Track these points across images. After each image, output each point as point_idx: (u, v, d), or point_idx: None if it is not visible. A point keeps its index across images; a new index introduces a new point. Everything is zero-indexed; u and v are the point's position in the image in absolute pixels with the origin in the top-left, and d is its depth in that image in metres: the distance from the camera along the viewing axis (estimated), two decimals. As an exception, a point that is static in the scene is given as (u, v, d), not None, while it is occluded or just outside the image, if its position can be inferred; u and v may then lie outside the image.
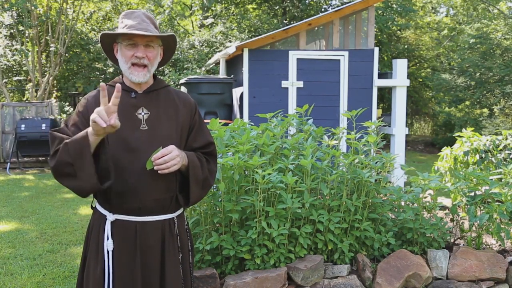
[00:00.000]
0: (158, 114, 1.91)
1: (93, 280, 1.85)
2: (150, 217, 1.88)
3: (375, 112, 7.22)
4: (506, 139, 4.59)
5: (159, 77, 2.02)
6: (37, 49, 12.20)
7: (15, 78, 14.84)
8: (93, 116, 1.62)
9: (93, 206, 1.99)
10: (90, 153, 1.69)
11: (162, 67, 1.94)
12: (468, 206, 3.40)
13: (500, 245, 3.52)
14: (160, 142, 1.84)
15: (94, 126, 1.64)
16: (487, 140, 4.62)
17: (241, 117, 6.93)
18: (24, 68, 14.11)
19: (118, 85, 1.66)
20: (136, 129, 1.86)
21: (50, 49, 11.94)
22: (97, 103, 1.79)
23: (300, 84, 7.03)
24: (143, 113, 1.89)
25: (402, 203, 3.51)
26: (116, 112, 1.65)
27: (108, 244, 1.84)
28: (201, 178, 1.93)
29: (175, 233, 1.95)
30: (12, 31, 12.91)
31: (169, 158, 1.77)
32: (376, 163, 3.38)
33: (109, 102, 1.65)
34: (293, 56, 6.99)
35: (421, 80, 15.67)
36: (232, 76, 7.69)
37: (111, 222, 1.86)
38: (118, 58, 1.90)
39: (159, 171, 1.78)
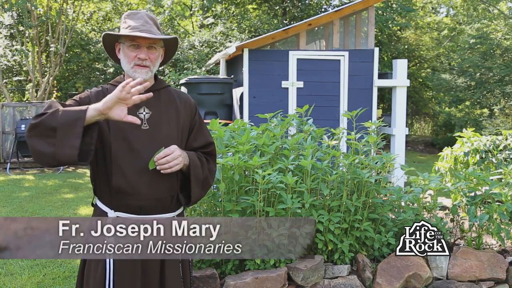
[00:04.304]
0: (159, 114, 1.92)
1: (94, 279, 1.86)
2: (150, 216, 1.88)
3: (375, 112, 7.22)
4: (506, 139, 4.59)
5: (160, 77, 2.03)
6: (37, 49, 12.20)
7: (15, 78, 14.85)
8: (121, 84, 1.65)
9: (94, 203, 1.99)
10: (82, 126, 1.64)
11: (162, 67, 1.94)
12: (468, 206, 3.40)
13: (500, 245, 3.52)
14: (161, 141, 1.85)
15: (117, 95, 1.65)
16: (487, 140, 4.62)
17: (241, 117, 6.93)
18: (24, 68, 14.12)
19: (139, 80, 1.70)
20: (137, 128, 1.86)
21: (50, 49, 11.94)
22: (98, 100, 1.81)
23: (300, 84, 7.03)
24: (144, 113, 1.90)
25: (402, 203, 3.51)
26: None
27: None
28: (201, 177, 1.95)
29: None
30: (12, 31, 12.92)
31: (172, 158, 1.78)
32: (376, 163, 3.38)
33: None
34: (293, 56, 6.99)
35: (421, 80, 15.66)
36: (232, 76, 7.69)
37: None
38: (121, 58, 1.91)
39: (161, 171, 1.79)
